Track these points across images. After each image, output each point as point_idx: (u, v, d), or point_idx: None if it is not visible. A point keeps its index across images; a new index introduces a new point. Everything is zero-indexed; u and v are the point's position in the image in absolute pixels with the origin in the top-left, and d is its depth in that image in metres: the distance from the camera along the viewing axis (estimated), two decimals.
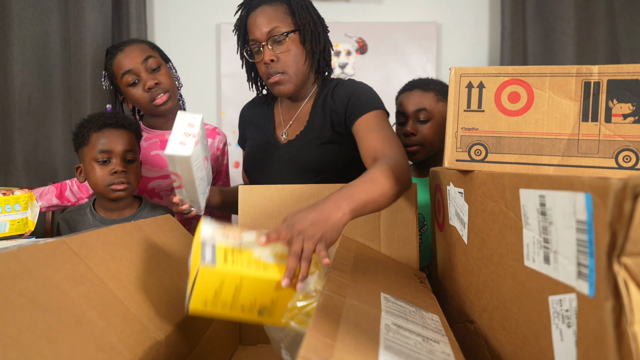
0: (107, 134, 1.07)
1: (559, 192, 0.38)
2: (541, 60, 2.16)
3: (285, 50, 1.02)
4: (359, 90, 1.05)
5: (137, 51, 1.20)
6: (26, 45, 1.96)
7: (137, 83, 1.19)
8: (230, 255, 0.58)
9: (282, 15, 1.02)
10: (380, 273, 0.74)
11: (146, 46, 1.24)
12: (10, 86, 1.94)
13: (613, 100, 0.57)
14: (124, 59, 1.19)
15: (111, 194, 1.07)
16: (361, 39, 2.26)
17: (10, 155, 1.95)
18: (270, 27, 1.01)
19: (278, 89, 1.05)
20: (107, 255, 0.59)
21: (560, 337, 0.39)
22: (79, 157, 1.14)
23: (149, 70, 1.19)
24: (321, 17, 1.09)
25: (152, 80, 1.18)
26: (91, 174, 1.08)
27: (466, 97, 0.64)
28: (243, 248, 0.61)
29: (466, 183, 0.66)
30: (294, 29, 1.02)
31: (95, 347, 0.44)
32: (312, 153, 1.05)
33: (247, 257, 0.60)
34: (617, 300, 0.31)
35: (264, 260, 0.60)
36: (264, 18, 1.01)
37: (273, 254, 0.62)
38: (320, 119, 1.06)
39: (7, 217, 1.00)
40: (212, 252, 0.58)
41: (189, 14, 2.28)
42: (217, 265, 0.56)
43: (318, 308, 0.46)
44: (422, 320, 0.56)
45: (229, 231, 0.64)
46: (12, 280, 0.42)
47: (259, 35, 1.02)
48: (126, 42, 1.25)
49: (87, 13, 2.02)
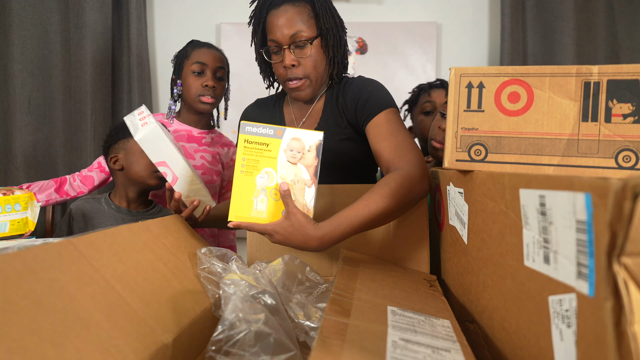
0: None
1: (559, 192, 0.38)
2: (541, 60, 2.16)
3: (307, 55, 0.99)
4: (369, 89, 1.02)
5: (219, 56, 1.39)
6: (26, 45, 1.96)
7: (200, 75, 1.35)
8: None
9: (305, 17, 0.98)
10: (387, 285, 0.73)
11: (225, 59, 1.42)
12: (10, 86, 1.94)
13: (613, 100, 0.57)
14: (206, 53, 1.37)
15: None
16: (361, 39, 2.26)
17: (10, 155, 1.95)
18: (294, 31, 0.97)
19: (297, 94, 1.03)
20: (114, 256, 0.58)
21: (560, 337, 0.39)
22: (117, 147, 1.23)
23: (216, 74, 1.37)
24: (341, 19, 1.06)
25: (211, 82, 1.35)
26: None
27: (466, 97, 0.64)
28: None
29: (466, 183, 0.66)
30: (317, 34, 0.99)
31: (101, 350, 0.43)
32: (332, 149, 1.03)
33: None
34: (617, 300, 0.31)
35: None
36: (287, 20, 0.97)
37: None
38: (335, 116, 1.05)
39: (7, 217, 1.00)
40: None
41: (189, 13, 2.28)
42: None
43: (320, 334, 0.45)
44: (432, 329, 0.55)
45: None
46: (18, 282, 0.41)
47: (280, 37, 0.98)
48: (213, 46, 1.42)
49: (87, 13, 2.02)
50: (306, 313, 0.64)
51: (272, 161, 0.78)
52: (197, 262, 0.73)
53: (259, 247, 0.91)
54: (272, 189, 0.78)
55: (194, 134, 1.41)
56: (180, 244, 0.78)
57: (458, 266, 0.74)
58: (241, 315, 0.53)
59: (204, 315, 0.63)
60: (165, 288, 0.63)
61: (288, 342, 0.53)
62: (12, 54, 1.94)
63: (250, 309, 0.54)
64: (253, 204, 0.78)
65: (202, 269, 0.70)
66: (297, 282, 0.71)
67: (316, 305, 0.66)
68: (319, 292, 0.71)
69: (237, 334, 0.51)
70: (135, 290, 0.56)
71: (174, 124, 1.42)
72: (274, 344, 0.51)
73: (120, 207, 1.21)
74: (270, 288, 0.62)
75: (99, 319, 0.46)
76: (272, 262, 0.74)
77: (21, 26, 1.95)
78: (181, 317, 0.60)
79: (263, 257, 0.90)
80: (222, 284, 0.61)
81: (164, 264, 0.68)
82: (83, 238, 0.56)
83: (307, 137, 0.78)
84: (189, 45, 1.40)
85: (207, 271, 0.70)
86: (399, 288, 0.72)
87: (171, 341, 0.53)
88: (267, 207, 0.78)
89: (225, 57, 1.42)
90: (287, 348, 0.52)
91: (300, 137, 0.78)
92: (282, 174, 0.78)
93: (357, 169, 1.07)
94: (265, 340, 0.51)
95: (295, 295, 0.68)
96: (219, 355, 0.50)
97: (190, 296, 0.64)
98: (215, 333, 0.51)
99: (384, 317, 0.56)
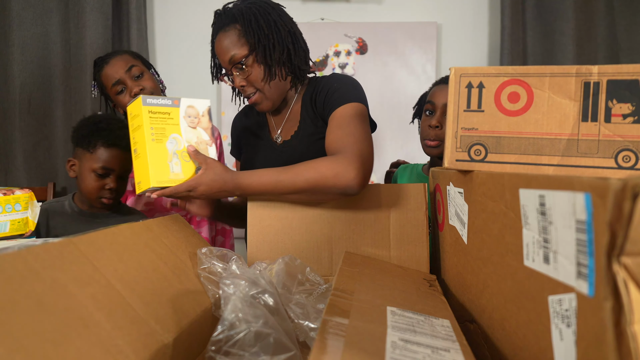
0: (115, 154, 1.14)
1: (559, 192, 0.38)
2: (541, 60, 2.16)
3: (249, 73, 1.01)
4: (335, 85, 1.03)
5: (121, 62, 1.31)
6: (26, 46, 1.96)
7: (124, 91, 1.30)
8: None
9: (235, 39, 1.00)
10: (387, 286, 0.73)
11: (129, 56, 1.34)
12: (10, 86, 1.94)
13: (613, 100, 0.57)
14: (109, 70, 1.30)
15: (97, 204, 1.17)
16: (361, 39, 2.26)
17: (11, 155, 1.95)
18: (229, 56, 1.00)
19: (259, 108, 1.07)
20: (114, 255, 0.58)
21: (560, 337, 0.40)
22: (76, 153, 1.17)
23: (133, 78, 1.30)
24: (275, 19, 1.02)
25: (137, 87, 1.29)
26: (86, 180, 1.14)
27: (466, 97, 0.64)
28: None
29: (466, 183, 0.67)
30: (249, 51, 1.00)
31: (102, 350, 0.43)
32: (309, 149, 1.05)
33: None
34: (617, 300, 0.31)
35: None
36: (221, 47, 1.01)
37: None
38: (311, 116, 1.07)
39: (7, 217, 1.00)
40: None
41: (189, 13, 2.28)
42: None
43: (319, 335, 0.45)
44: (432, 328, 0.55)
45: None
46: (19, 281, 0.41)
47: (224, 64, 1.03)
48: (110, 54, 1.36)
49: (87, 13, 2.02)
50: (306, 313, 0.64)
51: (176, 127, 0.90)
52: (197, 262, 0.73)
53: (259, 247, 0.91)
54: (182, 152, 0.89)
55: None
56: (181, 244, 0.78)
57: (458, 266, 0.74)
58: (241, 315, 0.53)
59: (205, 315, 0.63)
60: (166, 288, 0.63)
61: (288, 342, 0.53)
62: (12, 54, 1.94)
63: (250, 309, 0.54)
64: (169, 168, 0.87)
65: (202, 269, 0.70)
66: (297, 283, 0.71)
67: (316, 306, 0.66)
68: (319, 292, 0.71)
69: (237, 334, 0.51)
70: (136, 289, 0.56)
71: None
72: (274, 344, 0.51)
73: (82, 209, 1.18)
74: (270, 288, 0.62)
75: (99, 319, 0.46)
76: (272, 262, 0.74)
77: (21, 27, 1.95)
78: (182, 317, 0.60)
79: (263, 256, 0.90)
80: (222, 284, 0.61)
81: (165, 264, 0.68)
82: (84, 237, 0.56)
83: (198, 104, 0.94)
84: (99, 63, 1.34)
85: (207, 271, 0.70)
86: (398, 288, 0.72)
87: (172, 341, 0.53)
88: (181, 169, 0.88)
89: (129, 54, 1.35)
90: (287, 348, 0.52)
91: (193, 104, 0.93)
92: (187, 137, 0.91)
93: None
94: (265, 340, 0.51)
95: (295, 295, 0.68)
96: (218, 355, 0.50)
97: (190, 296, 0.64)
98: (215, 333, 0.51)
99: (384, 317, 0.56)
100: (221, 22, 1.02)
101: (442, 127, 1.16)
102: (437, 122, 1.17)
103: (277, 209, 0.92)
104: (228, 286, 0.60)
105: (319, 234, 0.91)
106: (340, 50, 2.27)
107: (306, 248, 0.91)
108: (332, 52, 2.26)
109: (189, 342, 0.59)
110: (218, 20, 1.04)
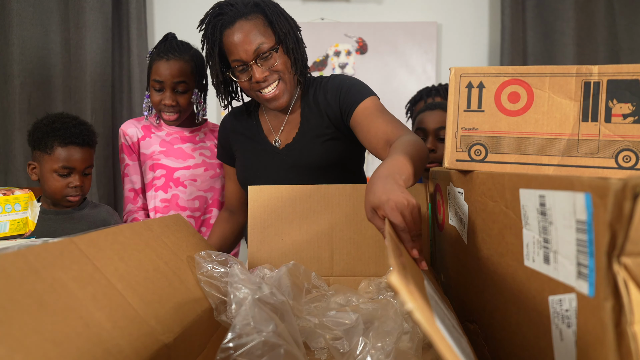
0: (73, 152, 1.14)
1: (559, 192, 0.38)
2: (541, 60, 2.16)
3: (274, 64, 0.98)
4: (348, 82, 1.04)
5: (177, 71, 1.30)
6: (26, 45, 1.96)
7: (160, 91, 1.31)
8: None
9: (262, 28, 0.96)
10: None
11: (185, 71, 1.30)
12: (10, 86, 1.94)
13: (613, 100, 0.57)
14: (165, 68, 1.30)
15: (65, 202, 1.17)
16: (361, 39, 2.26)
17: (10, 155, 1.95)
18: (256, 45, 0.95)
19: (274, 104, 1.03)
20: (115, 255, 0.58)
21: (560, 337, 0.40)
22: (34, 156, 1.18)
23: (176, 90, 1.31)
24: (293, 18, 1.04)
25: (170, 100, 1.29)
26: (49, 182, 1.15)
27: (466, 97, 0.64)
28: None
29: (466, 183, 0.67)
30: (277, 42, 0.98)
31: (102, 350, 0.43)
32: (316, 151, 1.04)
33: None
34: (617, 300, 0.31)
35: None
36: (245, 36, 0.95)
37: None
38: (315, 118, 1.05)
39: (7, 217, 1.00)
40: None
41: (189, 13, 2.28)
42: None
43: (388, 244, 0.46)
44: (449, 312, 0.56)
45: None
46: (20, 280, 0.41)
47: (243, 55, 0.96)
48: (174, 55, 1.32)
49: (87, 13, 2.02)
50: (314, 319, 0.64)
51: None
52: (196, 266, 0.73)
53: (260, 247, 0.91)
54: None
55: (186, 134, 1.40)
56: (182, 243, 0.77)
57: (458, 266, 0.74)
58: (252, 323, 0.52)
59: (205, 315, 0.64)
60: (166, 287, 0.63)
61: (298, 354, 0.52)
62: (12, 54, 1.94)
63: (261, 316, 0.54)
64: None
65: (201, 274, 0.70)
66: (304, 291, 0.72)
67: (326, 314, 0.65)
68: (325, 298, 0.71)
69: (247, 342, 0.50)
70: (137, 289, 0.56)
71: (165, 127, 1.40)
72: (284, 356, 0.50)
73: (47, 209, 1.19)
74: (279, 295, 0.62)
75: (100, 319, 0.46)
76: (274, 268, 0.74)
77: (21, 26, 1.95)
78: (182, 317, 0.60)
79: (263, 256, 0.90)
80: (231, 287, 0.61)
81: (165, 263, 0.68)
82: (84, 237, 0.56)
83: None
84: (153, 53, 1.33)
85: (206, 275, 0.70)
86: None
87: (172, 341, 0.53)
88: None
89: (189, 65, 1.32)
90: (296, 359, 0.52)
91: None
92: None
93: (343, 169, 1.07)
94: (275, 351, 0.50)
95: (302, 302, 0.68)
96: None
97: (191, 296, 0.64)
98: (225, 340, 0.51)
99: (421, 276, 0.56)
100: (238, 12, 0.96)
101: (437, 150, 1.20)
102: (432, 146, 1.21)
103: (278, 209, 0.92)
104: (239, 290, 0.60)
105: (319, 234, 0.91)
106: (340, 50, 2.27)
107: (306, 248, 0.91)
108: (332, 52, 2.26)
109: (189, 342, 0.59)
110: (232, 10, 0.97)
